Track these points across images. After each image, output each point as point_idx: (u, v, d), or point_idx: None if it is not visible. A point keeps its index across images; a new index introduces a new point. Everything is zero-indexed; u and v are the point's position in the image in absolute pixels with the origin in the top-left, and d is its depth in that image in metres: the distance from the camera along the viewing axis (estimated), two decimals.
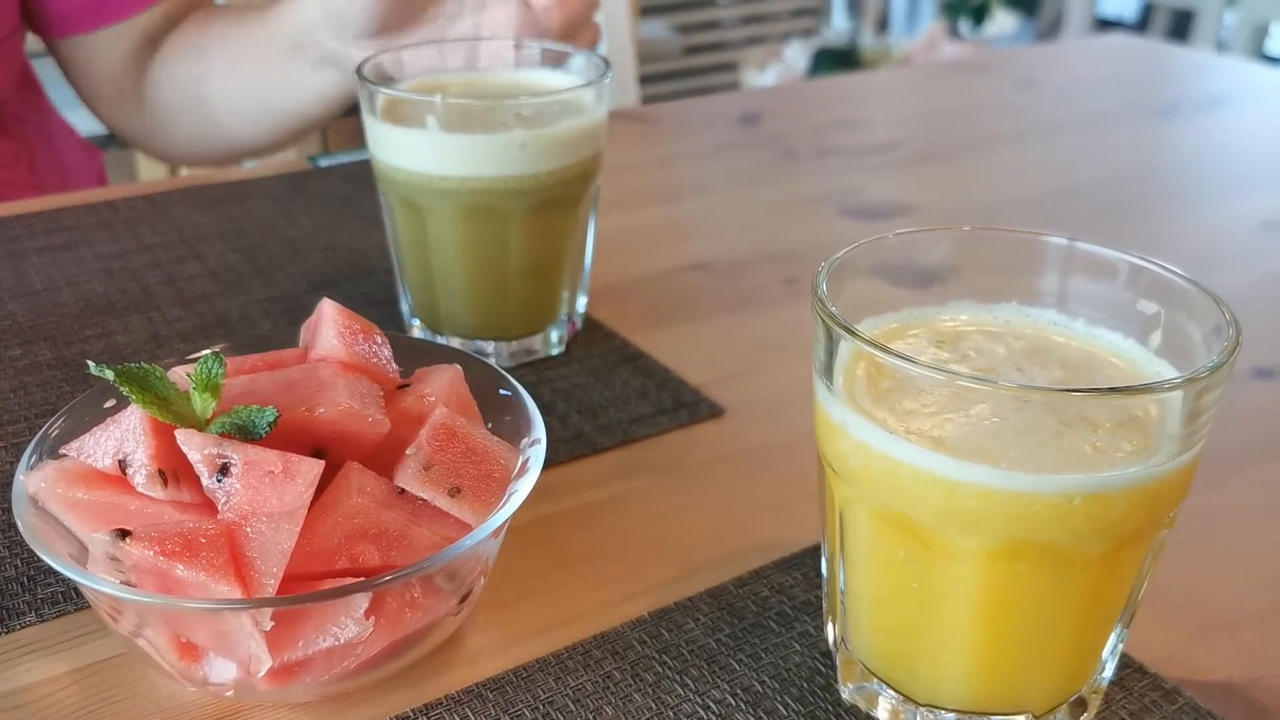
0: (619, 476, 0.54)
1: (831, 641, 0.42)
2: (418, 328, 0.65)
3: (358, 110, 0.64)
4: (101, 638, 0.43)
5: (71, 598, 0.45)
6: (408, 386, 0.45)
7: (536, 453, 0.43)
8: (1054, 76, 1.24)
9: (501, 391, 0.47)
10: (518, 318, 0.62)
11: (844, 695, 0.41)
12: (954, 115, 1.12)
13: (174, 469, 0.39)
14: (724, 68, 3.21)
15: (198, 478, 0.38)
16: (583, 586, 0.46)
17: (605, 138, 0.62)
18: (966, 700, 0.38)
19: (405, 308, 0.65)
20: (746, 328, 0.68)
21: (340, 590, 0.36)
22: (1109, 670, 0.39)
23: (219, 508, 0.38)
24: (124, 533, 0.36)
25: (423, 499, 0.40)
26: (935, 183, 0.93)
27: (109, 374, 0.39)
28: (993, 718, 0.38)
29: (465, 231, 0.59)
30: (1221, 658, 0.44)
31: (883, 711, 0.40)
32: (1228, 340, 0.34)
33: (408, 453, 0.41)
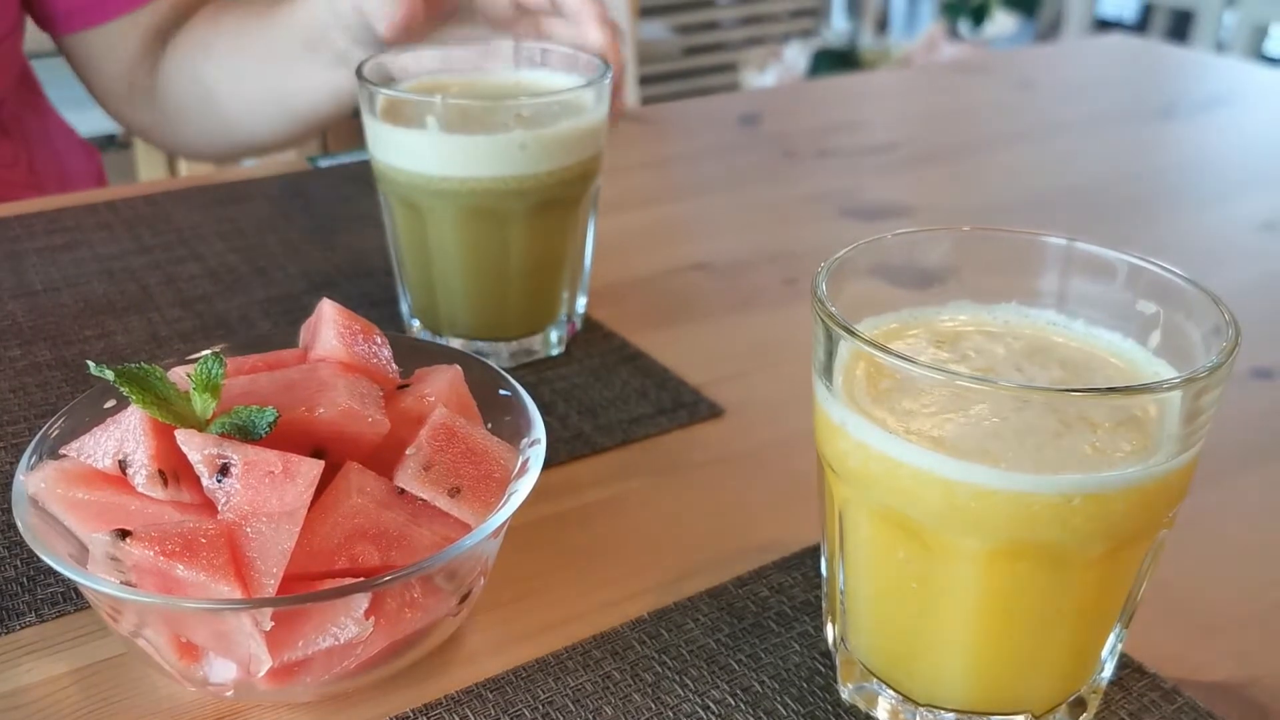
0: (619, 477, 0.54)
1: (831, 641, 0.42)
2: (417, 328, 0.65)
3: (358, 111, 0.64)
4: (101, 638, 0.43)
5: (71, 598, 0.45)
6: (407, 387, 0.45)
7: (536, 453, 0.43)
8: (1053, 77, 1.24)
9: (501, 392, 0.47)
10: (518, 318, 0.63)
11: (843, 695, 0.41)
12: (954, 116, 1.12)
13: (174, 469, 0.39)
14: (724, 68, 3.21)
15: (198, 478, 0.38)
16: (582, 587, 0.46)
17: (605, 138, 0.62)
18: (966, 700, 0.38)
19: (405, 308, 0.65)
20: (746, 328, 0.68)
21: (340, 590, 0.36)
22: (1108, 670, 0.39)
23: (219, 508, 0.38)
24: (124, 533, 0.36)
25: (422, 499, 0.40)
26: (935, 183, 0.93)
27: (109, 374, 0.39)
28: (992, 718, 0.38)
29: (465, 232, 0.59)
30: (1221, 658, 0.44)
31: (882, 711, 0.40)
32: (1227, 340, 0.34)
33: (408, 453, 0.41)
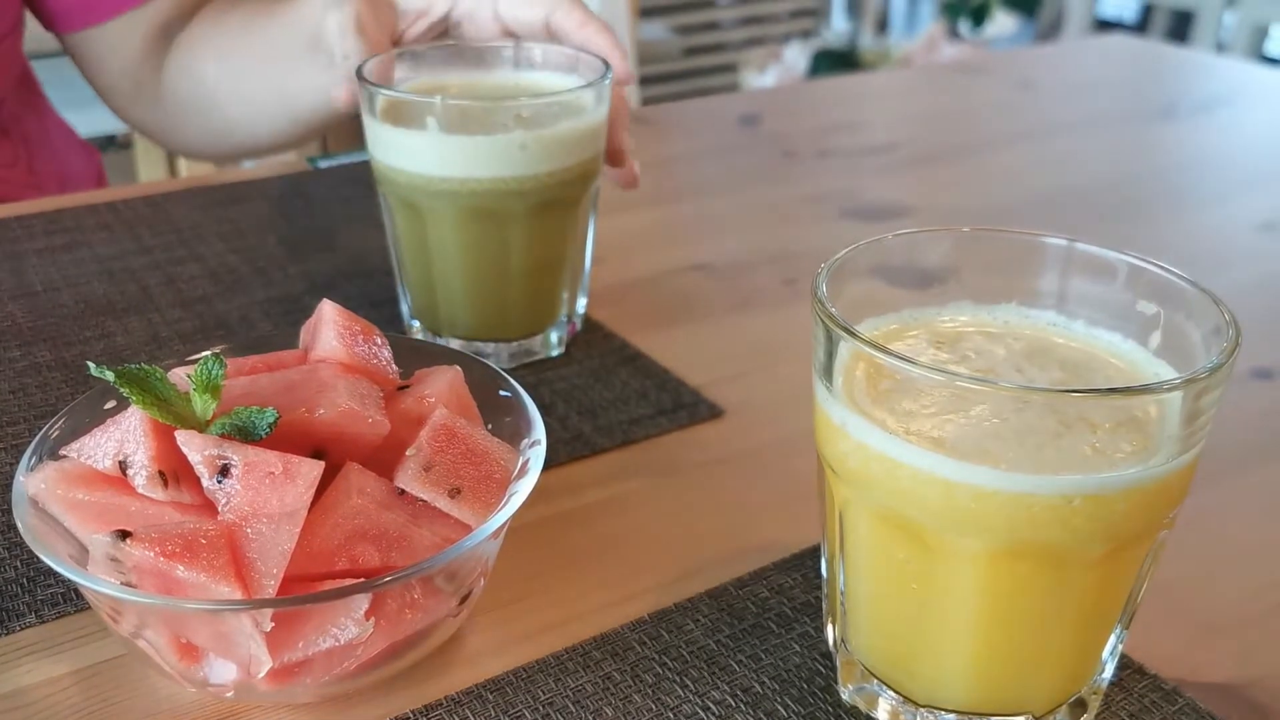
0: (619, 477, 0.54)
1: (831, 642, 0.42)
2: (418, 329, 0.65)
3: (359, 112, 0.64)
4: (102, 639, 0.43)
5: (72, 599, 0.45)
6: (408, 388, 0.45)
7: (536, 454, 0.43)
8: (1054, 77, 1.24)
9: (501, 392, 0.47)
10: (518, 319, 0.63)
11: (844, 696, 0.41)
12: (954, 116, 1.12)
13: (174, 470, 0.39)
14: (724, 69, 3.21)
15: (198, 479, 0.38)
16: (582, 587, 0.46)
17: (605, 139, 0.62)
18: (966, 701, 0.38)
19: (405, 309, 0.65)
20: (746, 329, 0.68)
21: (340, 591, 0.36)
22: (1109, 671, 0.39)
23: (219, 509, 0.38)
24: (124, 534, 0.36)
25: (423, 500, 0.40)
26: (935, 184, 0.93)
27: (109, 375, 0.39)
28: (993, 719, 0.38)
29: (465, 233, 0.59)
30: (1221, 658, 0.44)
31: (882, 712, 0.40)
32: (1227, 341, 0.34)
33: (408, 454, 0.41)
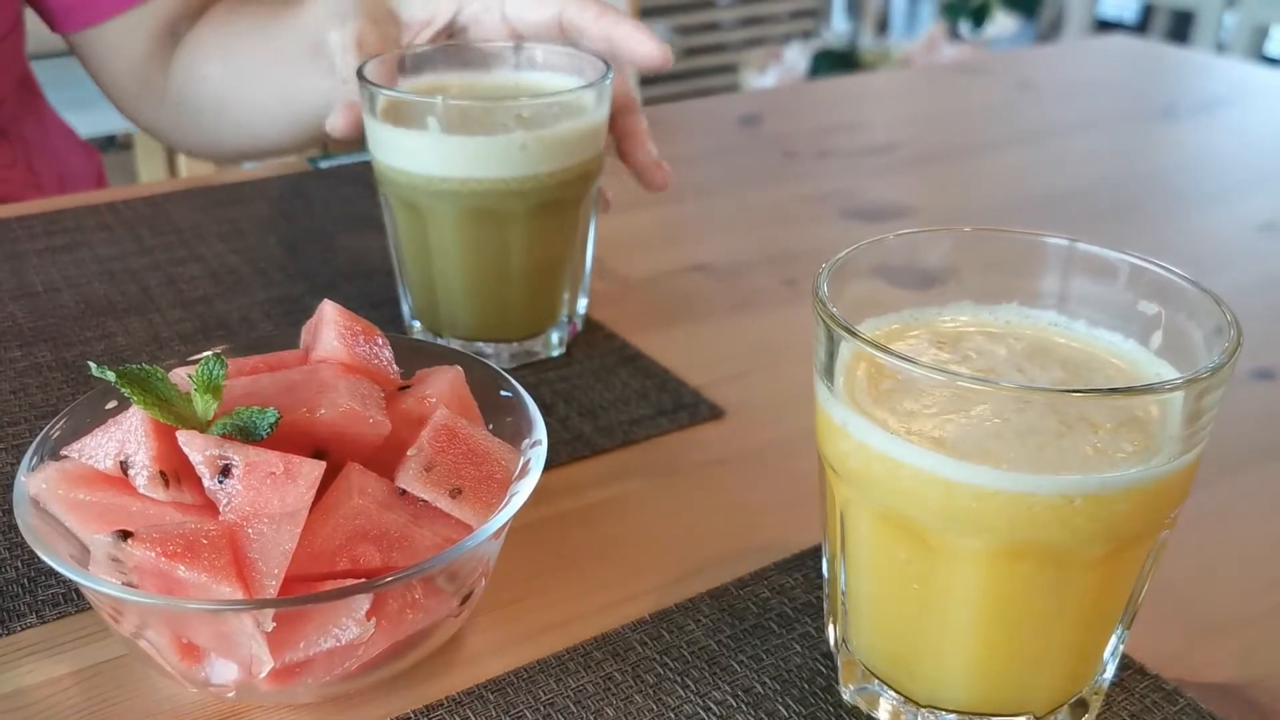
0: (619, 478, 0.54)
1: (832, 643, 0.42)
2: (418, 329, 0.65)
3: None
4: (103, 639, 0.43)
5: (73, 599, 0.45)
6: (408, 388, 0.45)
7: (537, 454, 0.43)
8: (1054, 78, 1.24)
9: (502, 393, 0.47)
10: (518, 319, 0.63)
11: (845, 696, 0.41)
12: (954, 117, 1.12)
13: (175, 470, 0.39)
14: (724, 69, 3.21)
15: (199, 479, 0.38)
16: (583, 588, 0.46)
17: (605, 139, 0.62)
18: (967, 701, 0.38)
19: (406, 309, 0.65)
20: (746, 329, 0.68)
21: (341, 591, 0.36)
22: (1110, 671, 0.39)
23: (220, 509, 0.38)
24: (126, 534, 0.36)
25: (424, 500, 0.40)
26: (935, 184, 0.93)
27: (110, 375, 0.39)
28: (994, 719, 0.38)
29: (466, 233, 0.59)
30: (1222, 659, 0.44)
31: (884, 713, 0.40)
32: (1229, 341, 0.34)
33: (409, 454, 0.41)
